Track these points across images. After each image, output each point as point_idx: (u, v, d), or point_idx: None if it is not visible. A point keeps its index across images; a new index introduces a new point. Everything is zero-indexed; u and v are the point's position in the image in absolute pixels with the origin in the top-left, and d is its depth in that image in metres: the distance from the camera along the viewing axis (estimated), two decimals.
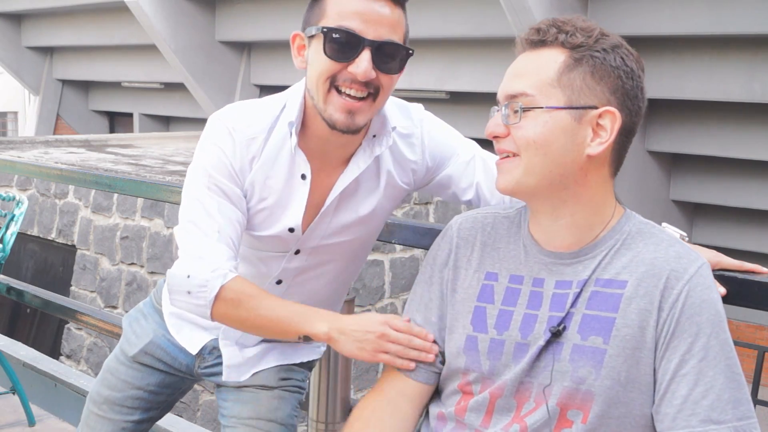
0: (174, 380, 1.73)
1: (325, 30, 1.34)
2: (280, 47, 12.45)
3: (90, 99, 17.44)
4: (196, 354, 1.67)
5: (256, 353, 1.64)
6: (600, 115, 1.24)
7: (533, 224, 1.35)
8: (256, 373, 1.65)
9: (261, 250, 1.54)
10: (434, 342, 1.39)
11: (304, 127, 1.45)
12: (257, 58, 13.02)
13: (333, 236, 1.53)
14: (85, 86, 17.32)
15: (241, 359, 1.63)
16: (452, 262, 1.40)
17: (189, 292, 1.40)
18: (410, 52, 1.39)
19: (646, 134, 9.08)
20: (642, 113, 1.29)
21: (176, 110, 15.13)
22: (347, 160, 1.48)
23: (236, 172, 1.44)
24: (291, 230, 1.49)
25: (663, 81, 8.31)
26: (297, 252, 1.53)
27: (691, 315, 1.21)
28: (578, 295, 1.27)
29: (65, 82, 17.11)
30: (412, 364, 1.36)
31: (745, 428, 1.19)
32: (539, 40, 1.27)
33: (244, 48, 13.06)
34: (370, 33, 1.33)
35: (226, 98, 12.64)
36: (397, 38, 1.37)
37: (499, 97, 1.29)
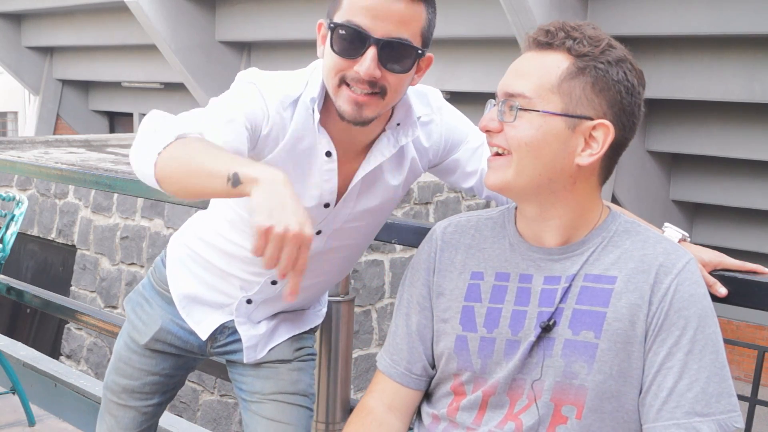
0: (187, 360, 1.76)
1: (332, 26, 1.33)
2: (280, 47, 12.45)
3: (90, 99, 17.44)
4: (208, 337, 1.69)
5: (268, 328, 1.67)
6: (594, 127, 1.24)
7: (521, 222, 1.36)
8: (272, 348, 1.68)
9: None
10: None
11: (326, 110, 1.43)
12: (257, 58, 13.02)
13: (354, 220, 1.54)
14: (85, 86, 17.32)
15: (257, 337, 1.66)
16: (436, 267, 1.41)
17: (156, 131, 1.29)
18: (420, 52, 1.35)
19: (646, 134, 9.09)
20: (636, 129, 1.29)
21: (176, 110, 14.90)
22: (368, 146, 1.47)
23: (267, 123, 1.39)
24: (326, 205, 1.48)
25: (663, 81, 8.32)
26: (318, 233, 1.53)
27: (679, 309, 1.23)
28: (567, 291, 1.28)
29: (65, 82, 17.12)
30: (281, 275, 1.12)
31: (728, 421, 1.21)
32: (546, 42, 1.26)
33: (244, 48, 13.06)
34: (378, 30, 1.30)
35: None
36: (409, 35, 1.32)
37: (498, 92, 1.29)
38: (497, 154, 1.29)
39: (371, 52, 1.30)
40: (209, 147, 1.24)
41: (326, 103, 1.43)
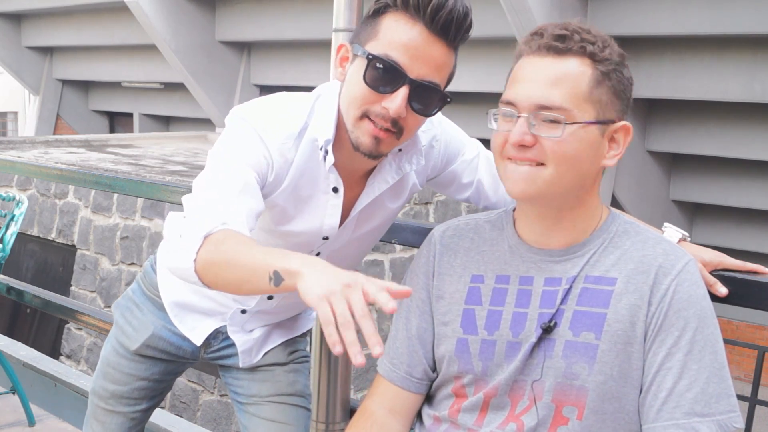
0: (177, 365, 1.75)
1: (370, 57, 1.29)
2: (280, 47, 12.45)
3: (90, 99, 17.45)
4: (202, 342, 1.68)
5: (262, 333, 1.66)
6: (616, 129, 1.26)
7: (522, 225, 1.36)
8: (266, 352, 1.68)
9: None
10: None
11: (336, 140, 1.39)
12: (257, 58, 13.03)
13: (354, 240, 1.54)
14: (85, 86, 17.32)
15: (251, 343, 1.65)
16: (435, 270, 1.41)
17: (181, 235, 1.25)
18: (448, 100, 1.34)
19: (646, 134, 9.08)
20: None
21: (176, 110, 15.14)
22: (368, 173, 1.46)
23: (271, 171, 1.37)
24: (325, 238, 1.48)
25: (663, 81, 8.32)
26: (317, 255, 1.52)
27: (678, 309, 1.23)
28: (568, 292, 1.28)
29: (65, 82, 17.12)
30: (339, 347, 1.02)
31: (727, 421, 1.21)
32: (565, 48, 1.23)
33: (244, 48, 13.06)
34: (414, 70, 1.28)
35: (226, 98, 12.65)
36: (440, 80, 1.31)
37: (525, 103, 1.24)
38: (527, 164, 1.25)
39: (403, 91, 1.28)
40: (239, 248, 1.20)
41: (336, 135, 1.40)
